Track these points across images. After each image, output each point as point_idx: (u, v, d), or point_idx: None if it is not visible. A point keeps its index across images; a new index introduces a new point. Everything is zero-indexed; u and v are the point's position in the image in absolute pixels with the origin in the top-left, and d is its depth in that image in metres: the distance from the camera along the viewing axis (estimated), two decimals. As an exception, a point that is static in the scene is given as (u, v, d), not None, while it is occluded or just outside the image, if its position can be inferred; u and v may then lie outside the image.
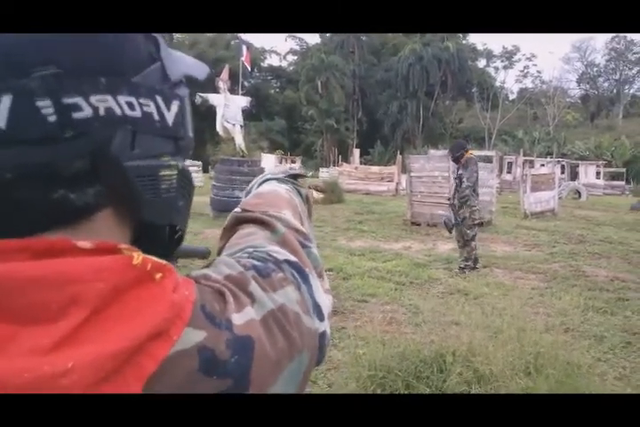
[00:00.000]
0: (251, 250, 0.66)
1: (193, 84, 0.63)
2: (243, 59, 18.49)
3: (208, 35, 55.25)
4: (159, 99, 0.54)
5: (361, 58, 56.47)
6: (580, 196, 24.94)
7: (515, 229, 13.01)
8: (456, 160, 8.39)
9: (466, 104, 59.69)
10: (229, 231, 0.76)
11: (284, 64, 64.49)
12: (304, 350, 0.59)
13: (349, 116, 55.21)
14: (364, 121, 55.95)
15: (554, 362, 3.89)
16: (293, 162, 23.94)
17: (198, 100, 14.04)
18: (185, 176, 0.60)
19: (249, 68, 21.11)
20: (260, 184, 0.95)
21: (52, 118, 0.46)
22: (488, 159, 21.11)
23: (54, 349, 0.42)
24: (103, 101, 0.49)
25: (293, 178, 0.98)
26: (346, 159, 35.77)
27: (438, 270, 8.22)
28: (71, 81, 0.47)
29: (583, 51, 68.95)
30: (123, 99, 0.50)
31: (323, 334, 0.63)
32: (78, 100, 0.47)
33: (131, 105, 0.51)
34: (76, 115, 0.47)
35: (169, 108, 0.56)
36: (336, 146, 50.46)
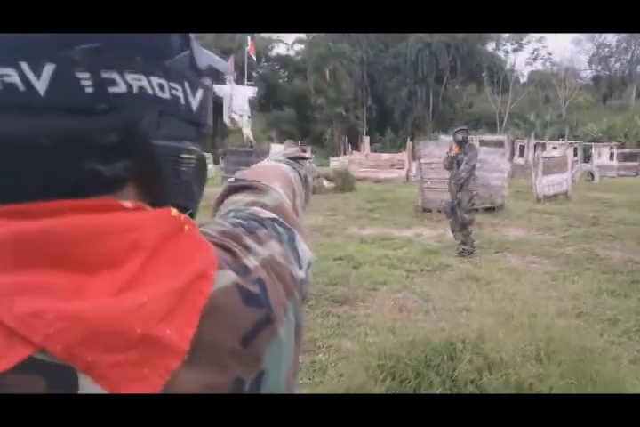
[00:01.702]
0: (233, 212, 0.72)
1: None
2: (248, 49, 18.43)
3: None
4: (187, 84, 0.57)
5: (369, 44, 56.13)
6: (593, 178, 24.71)
7: (527, 213, 12.92)
8: (461, 144, 8.41)
9: (476, 88, 59.15)
10: (222, 200, 0.82)
11: (292, 53, 64.27)
12: (295, 293, 0.66)
13: (359, 104, 54.97)
14: (374, 108, 55.68)
15: (566, 347, 3.83)
16: (304, 151, 23.89)
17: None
18: (202, 163, 0.63)
19: (254, 59, 21.03)
20: None
21: (89, 90, 0.48)
22: (499, 143, 20.94)
23: (124, 290, 0.47)
24: (137, 80, 0.51)
25: (294, 160, 1.05)
26: (356, 147, 35.64)
27: (450, 257, 8.15)
28: (110, 57, 0.49)
29: (594, 31, 67.83)
30: (155, 80, 0.53)
31: (301, 281, 0.70)
32: (115, 75, 0.50)
33: (161, 86, 0.54)
34: (112, 89, 0.50)
35: (194, 95, 0.58)
36: (346, 134, 50.32)
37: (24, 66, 0.47)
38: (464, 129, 8.65)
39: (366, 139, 33.76)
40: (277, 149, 22.79)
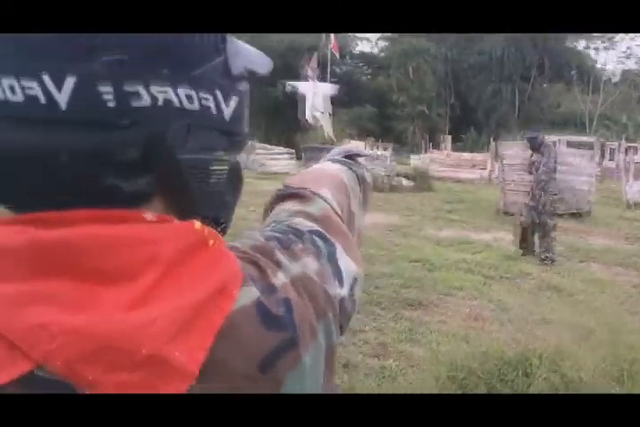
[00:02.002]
0: (274, 224, 0.69)
1: (282, 73, 0.60)
2: (331, 46, 18.51)
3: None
4: (219, 93, 0.54)
5: (453, 42, 55.18)
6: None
7: (616, 221, 12.37)
8: (534, 149, 8.26)
9: (565, 87, 57.13)
10: (270, 209, 0.79)
11: (376, 51, 63.96)
12: (328, 313, 0.62)
13: (441, 102, 54.19)
14: (457, 106, 54.74)
15: (652, 369, 3.62)
16: (385, 149, 23.87)
17: (288, 88, 14.21)
18: (235, 172, 0.61)
19: (337, 56, 21.10)
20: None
21: (112, 104, 0.47)
22: (588, 145, 20.13)
23: (137, 304, 0.46)
24: (163, 92, 0.49)
25: (351, 158, 1.00)
26: (437, 146, 35.14)
27: (530, 264, 7.88)
28: (135, 69, 0.47)
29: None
30: (183, 91, 0.51)
31: (342, 299, 0.66)
32: (139, 88, 0.48)
33: (190, 98, 0.51)
34: (135, 103, 0.48)
35: (227, 104, 0.56)
36: (427, 132, 49.72)
37: (46, 78, 0.45)
38: (533, 137, 8.36)
39: (447, 137, 33.26)
40: (358, 145, 22.76)
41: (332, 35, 19.43)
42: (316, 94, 14.64)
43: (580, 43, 56.53)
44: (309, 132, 22.08)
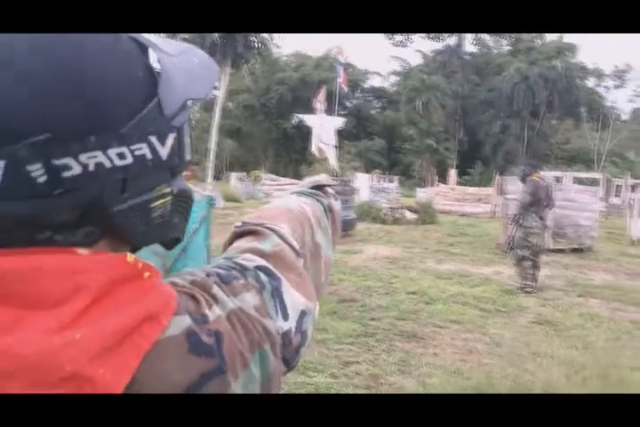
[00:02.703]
0: (223, 260, 0.71)
1: (293, 105, 0.64)
2: (340, 80, 18.73)
3: (313, 57, 56.43)
4: (153, 138, 0.55)
5: (464, 77, 55.76)
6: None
7: (618, 257, 12.26)
8: (522, 181, 8.51)
9: (573, 124, 57.35)
10: (228, 245, 0.81)
11: (386, 85, 64.66)
12: (265, 346, 0.63)
13: (450, 136, 54.50)
14: (465, 141, 55.00)
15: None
16: (391, 181, 23.96)
17: (295, 120, 14.36)
18: (179, 196, 0.62)
19: (345, 89, 21.34)
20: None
21: (42, 179, 0.49)
22: (594, 181, 20.13)
23: (62, 328, 0.47)
24: (93, 157, 0.51)
25: (319, 189, 1.02)
26: (444, 180, 35.25)
27: (528, 298, 7.83)
28: (61, 144, 0.49)
29: None
30: (113, 151, 0.52)
31: (286, 333, 0.67)
32: (68, 160, 0.49)
33: (121, 155, 0.53)
34: (65, 174, 0.49)
35: (164, 144, 0.56)
36: (435, 166, 49.87)
37: None
38: (527, 166, 8.71)
39: (453, 171, 33.35)
40: (363, 178, 22.90)
41: (342, 68, 19.69)
42: (322, 127, 14.80)
43: (591, 81, 56.92)
44: (315, 164, 22.23)
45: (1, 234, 0.50)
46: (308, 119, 15.07)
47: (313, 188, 1.02)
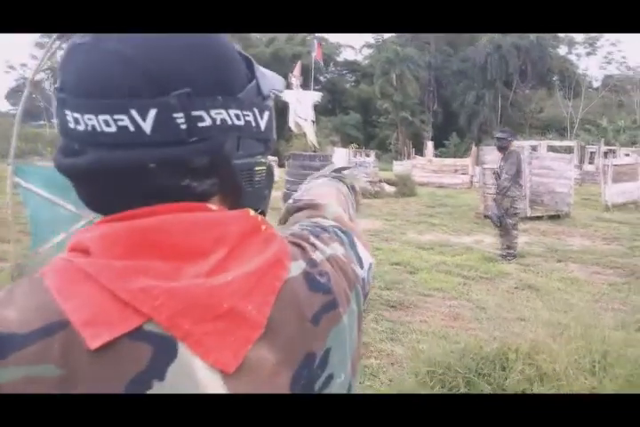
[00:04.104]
0: (299, 225, 0.82)
1: None
2: (314, 54, 18.55)
3: (283, 31, 55.62)
4: (256, 110, 0.68)
5: (437, 49, 55.56)
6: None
7: (594, 222, 12.50)
8: (501, 150, 8.47)
9: (547, 93, 57.56)
10: (285, 220, 0.94)
11: (360, 58, 64.22)
12: (357, 286, 0.78)
13: (425, 109, 54.48)
14: (440, 113, 55.04)
15: (623, 361, 3.71)
16: (367, 155, 23.85)
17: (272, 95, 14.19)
18: (270, 170, 0.75)
19: (321, 64, 21.16)
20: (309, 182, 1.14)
21: (184, 127, 0.60)
22: (569, 149, 20.35)
23: (213, 273, 0.60)
24: (219, 113, 0.63)
25: (338, 171, 1.20)
26: (421, 152, 35.33)
27: (509, 265, 8.00)
28: (198, 99, 0.60)
29: (674, 33, 64.70)
30: (232, 111, 0.64)
31: (362, 279, 0.80)
32: (202, 113, 0.61)
33: (237, 116, 0.65)
34: (200, 124, 0.61)
35: (262, 117, 0.69)
36: (411, 139, 49.88)
37: (133, 112, 0.58)
38: (501, 137, 8.47)
39: (430, 143, 33.39)
40: (341, 152, 22.85)
41: (316, 42, 19.50)
42: (300, 102, 14.66)
43: (563, 49, 57.02)
44: (293, 139, 22.09)
45: (154, 181, 0.61)
46: (285, 95, 14.90)
47: (334, 171, 1.20)
